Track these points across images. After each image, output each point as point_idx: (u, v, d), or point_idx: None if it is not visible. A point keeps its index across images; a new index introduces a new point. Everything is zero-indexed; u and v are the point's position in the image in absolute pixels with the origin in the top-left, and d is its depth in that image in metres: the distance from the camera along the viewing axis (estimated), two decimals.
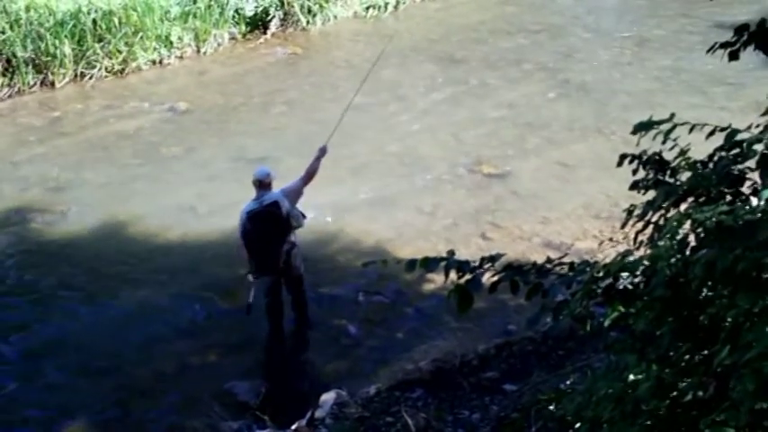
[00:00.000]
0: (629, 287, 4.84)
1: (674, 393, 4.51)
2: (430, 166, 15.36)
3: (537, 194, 14.41)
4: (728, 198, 4.97)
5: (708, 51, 5.25)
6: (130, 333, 11.53)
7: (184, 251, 13.16)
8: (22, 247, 13.49)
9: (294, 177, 11.05)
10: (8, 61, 18.86)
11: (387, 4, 23.39)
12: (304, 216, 10.95)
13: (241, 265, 11.22)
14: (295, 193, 10.85)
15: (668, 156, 5.43)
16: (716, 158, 5.17)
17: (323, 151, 11.06)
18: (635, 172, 5.52)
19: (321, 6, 22.27)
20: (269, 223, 10.70)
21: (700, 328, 4.45)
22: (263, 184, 10.78)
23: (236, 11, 21.31)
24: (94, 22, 19.34)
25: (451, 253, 4.85)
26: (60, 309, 12.09)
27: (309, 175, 10.92)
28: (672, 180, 5.33)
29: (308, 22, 22.03)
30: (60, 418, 10.19)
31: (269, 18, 21.73)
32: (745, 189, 5.03)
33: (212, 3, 20.84)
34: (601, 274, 4.72)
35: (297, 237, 11.05)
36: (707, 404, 4.34)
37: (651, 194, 5.36)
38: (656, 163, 5.46)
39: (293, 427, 9.42)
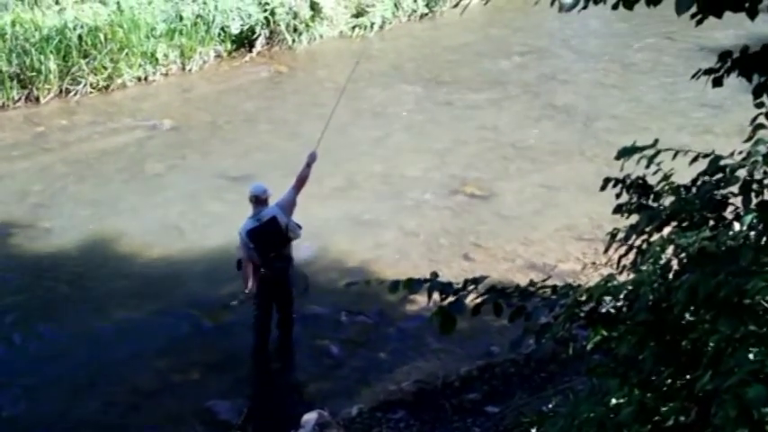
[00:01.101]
0: (612, 311, 4.85)
1: (657, 418, 4.52)
2: (414, 187, 15.37)
3: (520, 216, 14.43)
4: (711, 223, 4.99)
5: (692, 77, 5.29)
6: (112, 350, 11.47)
7: (167, 268, 13.12)
8: (3, 262, 13.42)
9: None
10: None
11: (373, 24, 23.43)
12: (300, 227, 10.95)
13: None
14: (290, 205, 10.83)
15: (652, 180, 5.45)
16: (699, 183, 5.20)
17: (312, 157, 11.00)
18: (618, 196, 5.55)
19: (307, 26, 22.27)
20: (270, 237, 10.70)
21: (682, 352, 4.47)
22: (259, 201, 10.77)
23: (222, 29, 21.28)
24: (80, 38, 19.30)
25: (435, 275, 4.86)
26: (42, 325, 12.02)
27: (301, 183, 10.88)
28: (655, 204, 5.36)
29: (293, 41, 22.03)
30: None
31: (255, 36, 21.74)
32: (728, 214, 5.05)
33: (198, 20, 20.83)
34: (584, 298, 4.73)
35: (292, 253, 11.07)
36: (689, 429, 4.35)
37: (634, 218, 5.38)
38: (639, 187, 5.49)
39: None
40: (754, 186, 4.81)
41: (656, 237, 5.06)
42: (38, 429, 10.27)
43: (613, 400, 4.82)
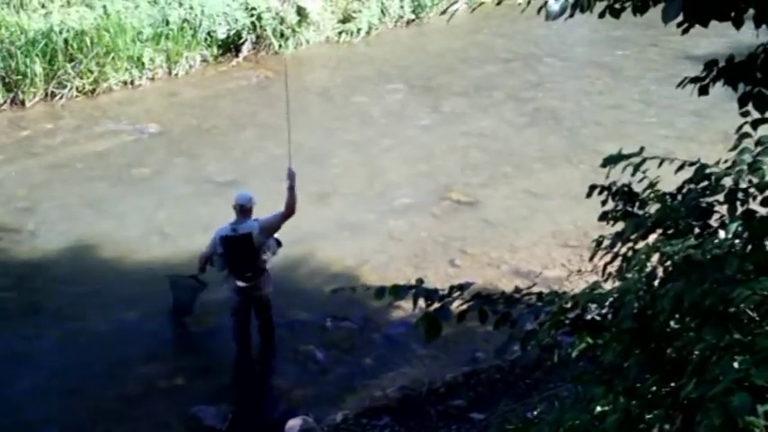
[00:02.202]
0: (598, 318, 4.86)
1: (642, 426, 4.52)
2: (400, 193, 15.38)
3: (506, 222, 14.44)
4: (697, 231, 5.00)
5: (678, 86, 5.30)
6: (97, 355, 11.43)
7: (152, 273, 13.05)
8: None
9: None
10: None
11: (359, 30, 23.46)
12: (279, 245, 10.98)
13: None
14: (272, 227, 10.78)
15: (637, 187, 5.46)
16: (685, 191, 5.21)
17: (292, 177, 10.72)
18: (604, 203, 5.55)
19: (293, 31, 22.27)
20: (239, 250, 10.74)
21: (667, 360, 4.47)
22: (243, 210, 10.77)
23: (209, 33, 21.27)
24: (66, 41, 19.26)
25: (420, 281, 4.87)
26: (26, 330, 11.98)
27: (290, 210, 10.68)
28: (641, 212, 5.37)
29: (280, 47, 22.03)
30: None
31: (241, 41, 21.73)
32: (713, 222, 5.07)
33: (185, 25, 20.82)
34: (569, 305, 4.74)
35: (270, 263, 11.04)
36: None
37: (620, 226, 5.39)
38: (625, 195, 5.49)
39: None
40: (740, 195, 4.82)
41: (641, 244, 5.07)
42: None
43: (598, 408, 4.82)
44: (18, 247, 13.84)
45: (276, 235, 10.96)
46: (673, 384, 4.46)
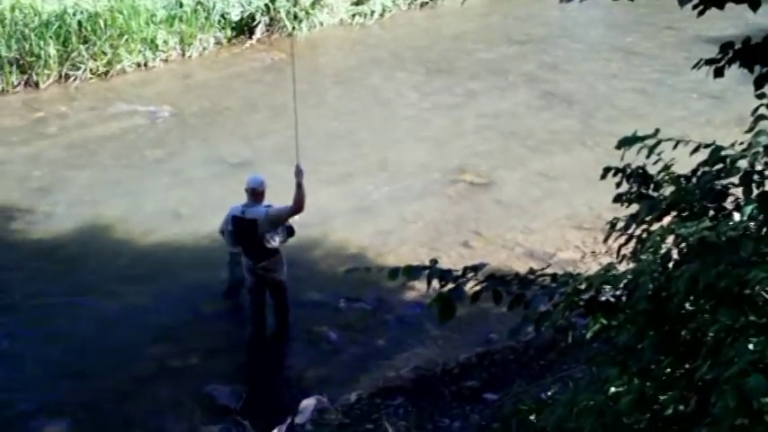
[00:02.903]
0: (612, 300, 4.86)
1: (656, 407, 4.53)
2: (414, 174, 15.37)
3: (520, 204, 14.43)
4: (711, 213, 5.00)
5: (693, 67, 5.28)
6: (111, 335, 11.47)
7: (166, 254, 13.12)
8: (3, 247, 13.41)
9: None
10: None
11: (373, 13, 23.42)
12: (291, 234, 10.98)
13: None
14: (278, 219, 10.76)
15: (652, 169, 5.45)
16: (699, 173, 5.21)
17: (300, 174, 10.61)
18: (618, 185, 5.55)
19: (307, 13, 22.24)
20: (244, 233, 10.87)
21: (681, 342, 4.48)
22: (255, 193, 10.79)
23: (222, 15, 21.27)
24: (80, 23, 19.30)
25: (434, 262, 4.85)
26: (41, 310, 12.01)
27: (298, 206, 10.65)
28: (655, 194, 5.36)
29: (293, 29, 21.99)
30: (39, 420, 10.14)
31: (255, 23, 21.72)
32: (728, 204, 5.06)
33: (198, 7, 20.82)
34: (583, 287, 4.74)
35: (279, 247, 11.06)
36: (688, 419, 4.36)
37: (634, 208, 5.39)
38: (639, 176, 5.49)
39: None
40: (755, 177, 4.81)
41: (656, 226, 5.07)
42: (38, 416, 10.26)
43: (612, 389, 4.83)
44: (32, 228, 13.88)
45: (291, 221, 10.98)
46: (687, 366, 4.47)
